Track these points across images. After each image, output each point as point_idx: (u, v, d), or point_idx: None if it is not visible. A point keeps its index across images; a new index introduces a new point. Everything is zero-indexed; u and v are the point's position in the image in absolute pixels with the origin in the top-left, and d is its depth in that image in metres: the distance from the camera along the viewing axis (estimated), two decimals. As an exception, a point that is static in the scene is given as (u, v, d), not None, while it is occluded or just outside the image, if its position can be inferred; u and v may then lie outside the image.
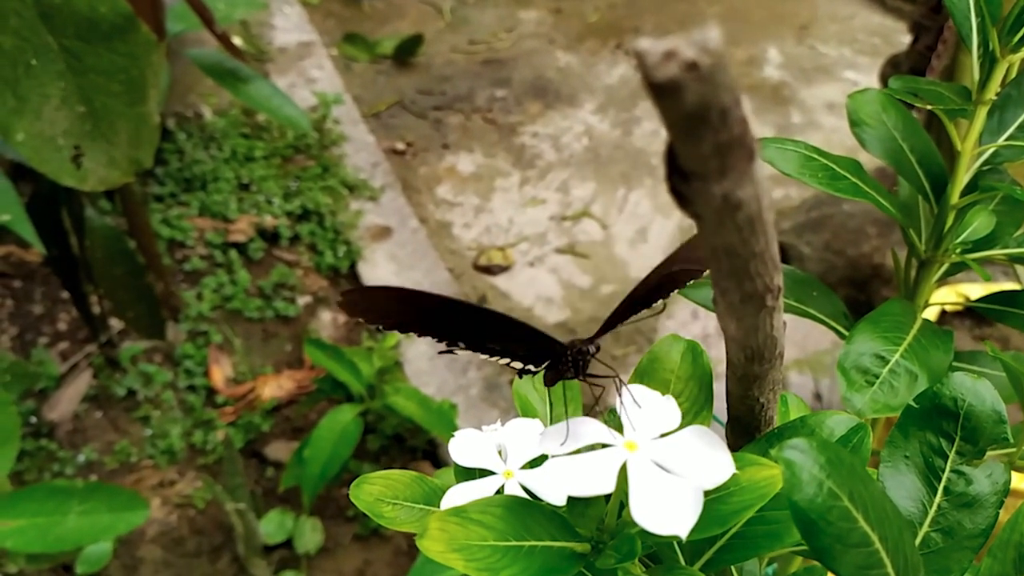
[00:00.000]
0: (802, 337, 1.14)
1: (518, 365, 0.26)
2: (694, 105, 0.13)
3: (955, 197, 0.41)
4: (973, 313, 1.12)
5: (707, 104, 0.13)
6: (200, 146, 1.32)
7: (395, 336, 1.08)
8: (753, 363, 0.23)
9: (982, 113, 0.40)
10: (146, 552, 0.93)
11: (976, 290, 0.89)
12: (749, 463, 0.23)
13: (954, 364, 0.40)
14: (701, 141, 0.13)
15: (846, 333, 0.39)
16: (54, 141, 0.68)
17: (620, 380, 0.24)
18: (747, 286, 0.18)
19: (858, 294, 1.17)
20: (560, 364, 0.26)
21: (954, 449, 0.27)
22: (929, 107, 0.38)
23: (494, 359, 0.26)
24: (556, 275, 1.24)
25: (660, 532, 0.20)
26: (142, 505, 0.72)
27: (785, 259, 1.23)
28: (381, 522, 0.29)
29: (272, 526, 0.92)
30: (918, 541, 0.27)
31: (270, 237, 1.24)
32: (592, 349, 0.25)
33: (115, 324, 1.08)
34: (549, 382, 0.27)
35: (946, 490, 0.27)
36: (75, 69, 0.67)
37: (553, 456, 0.22)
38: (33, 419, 1.01)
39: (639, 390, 0.25)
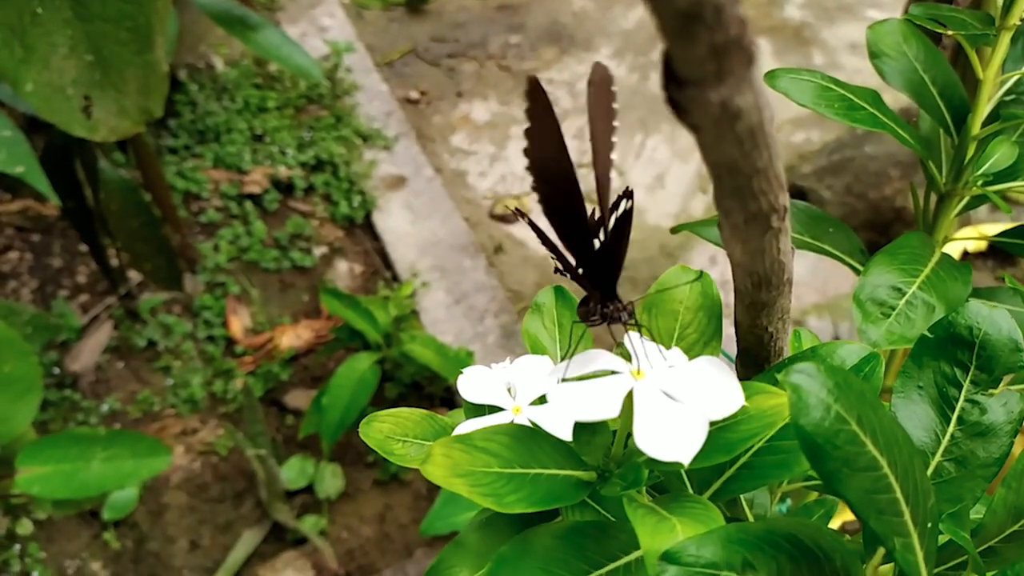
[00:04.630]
0: (822, 282, 1.12)
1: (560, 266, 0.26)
2: (687, 0, 0.12)
3: (976, 128, 0.40)
4: (995, 255, 1.10)
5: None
6: (212, 97, 1.31)
7: (411, 285, 1.08)
8: (760, 290, 0.22)
9: (1005, 39, 0.38)
10: (171, 498, 0.95)
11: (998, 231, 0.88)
12: (756, 391, 0.22)
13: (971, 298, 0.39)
14: (696, 42, 0.13)
15: (862, 269, 0.39)
16: (63, 91, 0.68)
17: (642, 333, 0.24)
18: (751, 205, 0.18)
19: (879, 238, 1.15)
20: (593, 304, 0.25)
21: (969, 378, 0.26)
22: (950, 33, 0.37)
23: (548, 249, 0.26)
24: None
25: (663, 458, 0.20)
26: (164, 451, 0.73)
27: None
28: (391, 459, 0.30)
29: (293, 472, 0.94)
30: (930, 471, 0.26)
31: (285, 188, 1.23)
32: (625, 316, 0.25)
33: (134, 276, 1.09)
34: (582, 316, 0.26)
35: (960, 420, 0.26)
36: (81, 16, 0.66)
37: (562, 381, 0.22)
38: (56, 370, 1.02)
39: (651, 346, 0.25)
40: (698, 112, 0.14)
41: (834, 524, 0.38)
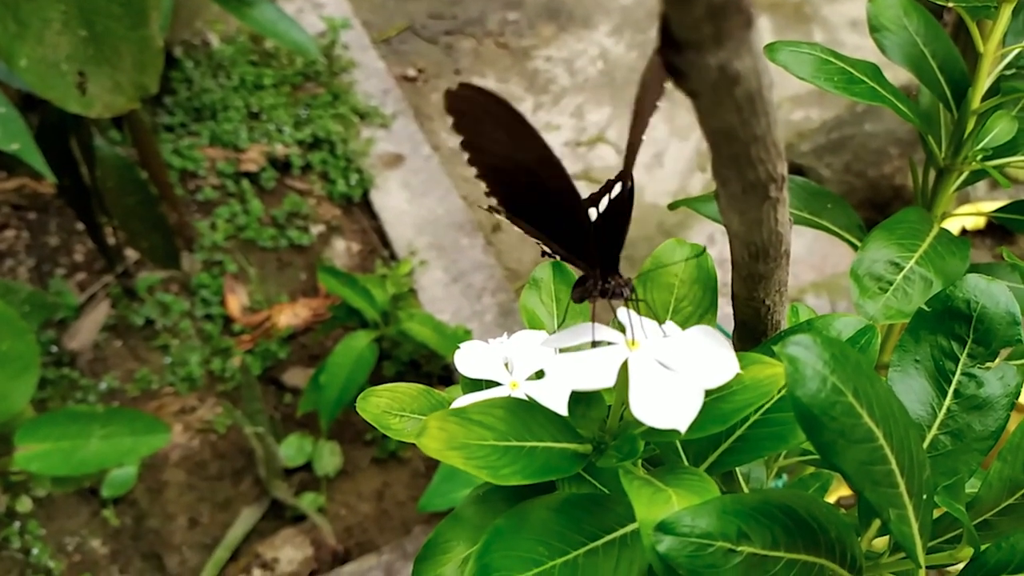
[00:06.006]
0: (819, 260, 1.12)
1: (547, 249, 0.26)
2: (684, -42, 0.12)
3: (976, 102, 0.40)
4: (993, 233, 1.10)
5: (698, -43, 0.12)
6: (208, 74, 1.30)
7: (409, 263, 1.08)
8: (758, 261, 0.22)
9: (1006, 12, 0.38)
10: (170, 476, 0.95)
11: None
12: (752, 362, 0.22)
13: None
14: (693, 2, 0.13)
15: (860, 245, 0.39)
16: (57, 67, 0.67)
17: (639, 307, 0.24)
18: (749, 174, 0.18)
19: (878, 216, 1.15)
20: (589, 284, 0.25)
21: (965, 352, 0.26)
22: (951, 5, 0.36)
23: (532, 236, 0.25)
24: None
25: (659, 426, 0.20)
26: (163, 428, 0.73)
27: (803, 182, 1.20)
28: (388, 433, 0.30)
29: (291, 450, 0.94)
30: (926, 444, 0.26)
31: (281, 166, 1.23)
32: (627, 292, 0.24)
33: (131, 255, 1.09)
34: (577, 298, 0.26)
35: (956, 393, 0.26)
36: (74, -9, 0.65)
37: (558, 352, 0.22)
38: (54, 348, 1.02)
39: (649, 323, 0.24)
40: (696, 77, 0.14)
41: (829, 499, 0.38)
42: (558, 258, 0.25)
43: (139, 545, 0.91)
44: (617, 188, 0.24)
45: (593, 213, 0.26)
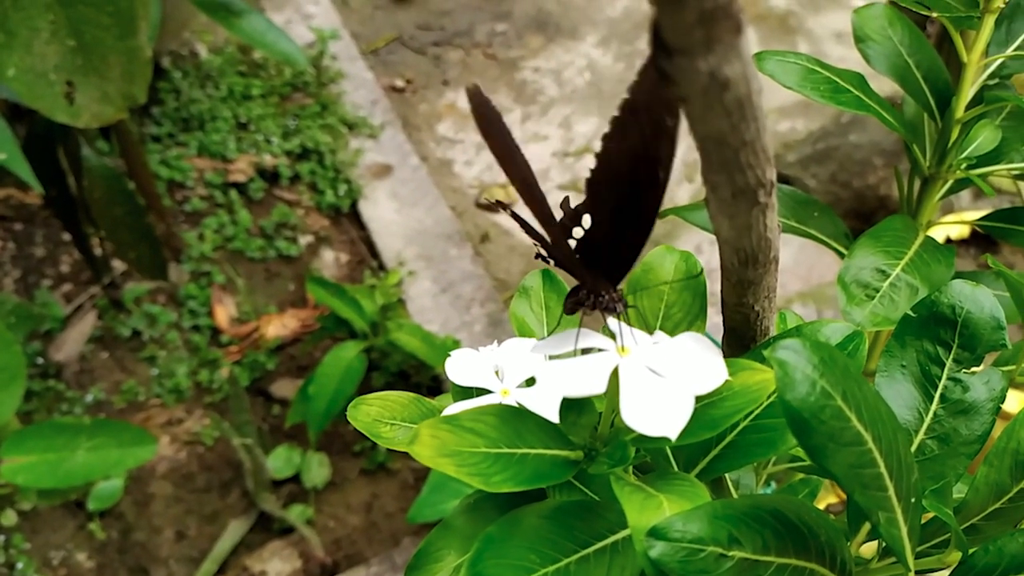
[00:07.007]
0: (806, 269, 1.13)
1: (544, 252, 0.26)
2: (675, -35, 0.12)
3: (960, 111, 0.40)
4: (978, 242, 1.11)
5: (688, -36, 0.12)
6: (196, 85, 1.30)
7: (397, 274, 1.08)
8: (747, 267, 0.22)
9: (990, 22, 0.39)
10: (157, 488, 0.94)
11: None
12: (741, 368, 0.22)
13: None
14: (685, 8, 0.13)
15: (846, 253, 0.39)
16: (46, 76, 0.67)
17: (631, 318, 0.24)
18: (738, 179, 0.18)
19: (863, 226, 1.16)
20: (582, 295, 0.25)
21: (951, 357, 0.27)
22: (935, 15, 0.37)
23: (533, 240, 0.26)
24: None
25: (650, 433, 0.20)
26: (150, 440, 0.73)
27: (790, 192, 1.21)
28: (379, 442, 0.29)
29: (280, 461, 0.94)
30: (913, 448, 0.26)
31: (270, 177, 1.23)
32: (620, 307, 0.24)
33: (118, 266, 1.08)
34: (569, 310, 0.26)
35: (942, 398, 0.27)
36: (63, 1, 0.65)
37: (549, 359, 0.22)
38: (40, 360, 1.01)
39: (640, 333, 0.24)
40: (686, 82, 0.14)
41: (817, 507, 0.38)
42: (552, 264, 0.26)
43: (125, 559, 0.90)
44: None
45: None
